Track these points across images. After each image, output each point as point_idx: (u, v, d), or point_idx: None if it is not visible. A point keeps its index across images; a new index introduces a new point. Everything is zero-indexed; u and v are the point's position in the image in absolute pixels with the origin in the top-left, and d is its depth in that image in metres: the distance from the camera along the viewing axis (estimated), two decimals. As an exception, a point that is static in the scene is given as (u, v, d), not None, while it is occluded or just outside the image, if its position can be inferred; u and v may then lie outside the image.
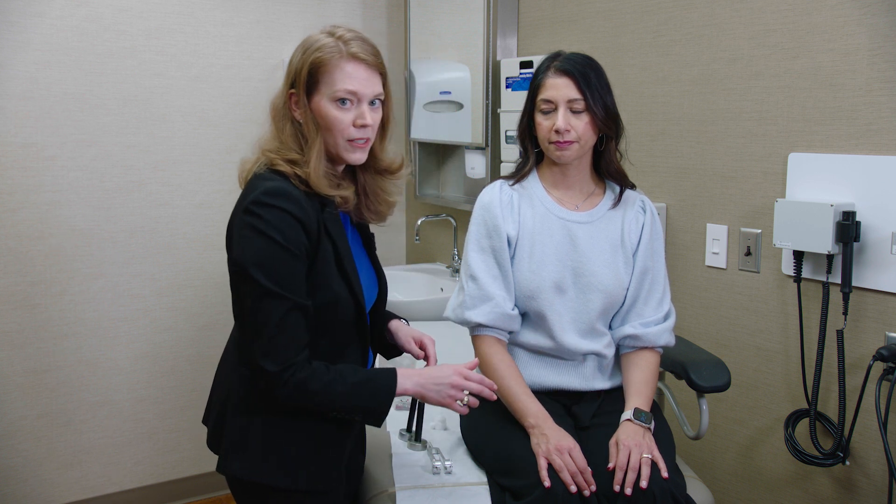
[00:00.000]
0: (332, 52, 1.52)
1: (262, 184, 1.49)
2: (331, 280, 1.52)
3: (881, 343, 1.90)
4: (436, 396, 1.55)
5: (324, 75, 1.52)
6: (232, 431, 1.55)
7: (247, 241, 1.46)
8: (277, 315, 1.44)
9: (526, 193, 1.83)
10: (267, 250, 1.44)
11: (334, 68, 1.52)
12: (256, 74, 3.01)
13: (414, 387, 1.53)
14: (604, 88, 1.75)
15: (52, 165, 2.68)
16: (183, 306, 2.96)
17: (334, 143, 1.54)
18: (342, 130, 1.53)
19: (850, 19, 1.90)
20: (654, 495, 1.55)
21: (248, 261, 1.45)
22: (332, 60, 1.51)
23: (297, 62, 1.54)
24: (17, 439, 2.70)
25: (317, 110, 1.53)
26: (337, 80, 1.51)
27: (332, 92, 1.52)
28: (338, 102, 1.52)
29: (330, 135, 1.54)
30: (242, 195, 1.53)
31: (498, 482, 1.66)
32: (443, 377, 1.55)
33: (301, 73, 1.53)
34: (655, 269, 1.84)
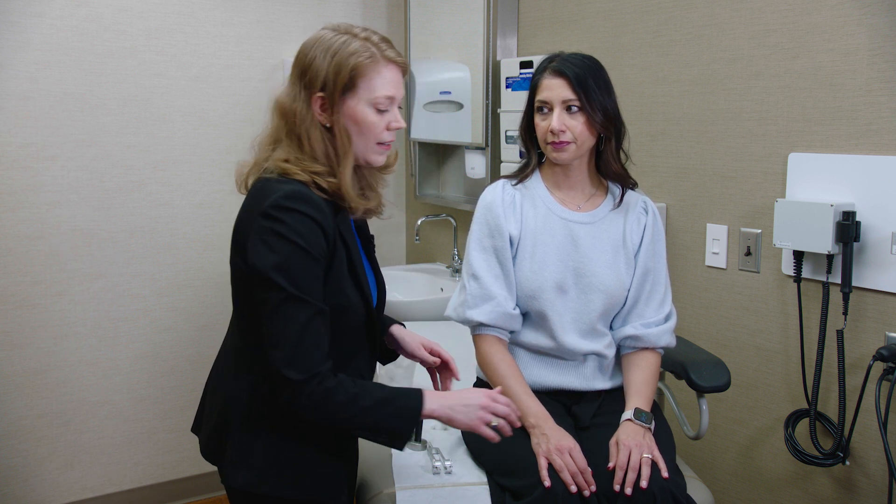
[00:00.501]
0: (371, 56, 1.48)
1: (279, 187, 1.44)
2: (344, 285, 1.50)
3: (881, 343, 1.90)
4: (464, 419, 1.49)
5: (363, 80, 1.48)
6: (237, 442, 1.51)
7: (268, 246, 1.41)
8: (301, 321, 1.40)
9: (528, 193, 1.83)
10: (289, 255, 1.41)
11: (375, 73, 1.49)
12: (256, 74, 3.01)
13: (441, 409, 1.48)
14: (602, 89, 1.75)
15: (52, 165, 2.68)
16: (183, 306, 2.96)
17: (364, 147, 1.52)
18: (377, 134, 1.52)
19: (850, 19, 1.90)
20: (654, 495, 1.55)
21: (269, 265, 1.40)
22: (372, 65, 1.48)
23: (328, 65, 1.47)
24: (17, 439, 2.70)
25: (351, 114, 1.49)
26: (377, 86, 1.49)
27: (371, 97, 1.49)
28: (375, 107, 1.50)
29: (362, 139, 1.51)
30: (255, 199, 1.48)
31: (498, 482, 1.66)
32: (472, 399, 1.51)
33: (338, 78, 1.47)
34: (657, 270, 1.84)
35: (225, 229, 2.98)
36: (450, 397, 1.51)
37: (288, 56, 3.03)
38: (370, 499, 1.71)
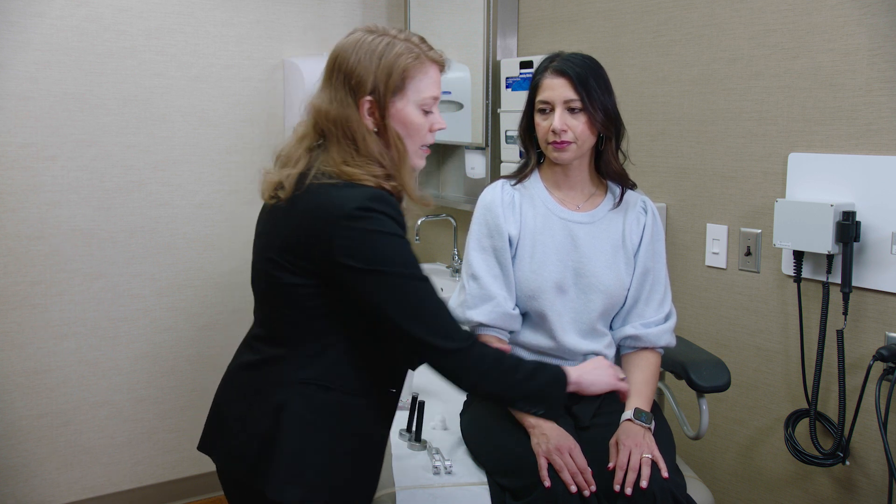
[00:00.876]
0: (417, 57, 1.47)
1: (355, 191, 1.41)
2: None
3: (881, 343, 1.90)
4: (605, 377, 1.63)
5: (411, 81, 1.47)
6: (288, 456, 1.44)
7: (370, 244, 1.39)
8: (432, 296, 1.43)
9: (527, 193, 1.83)
10: (393, 243, 1.41)
11: (422, 74, 1.48)
12: (256, 74, 3.01)
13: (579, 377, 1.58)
14: (602, 88, 1.75)
15: (52, 165, 2.68)
16: (183, 306, 2.96)
17: (411, 150, 1.51)
18: (423, 136, 1.52)
19: (850, 19, 1.90)
20: (655, 495, 1.55)
21: (380, 260, 1.39)
22: (419, 65, 1.47)
23: (376, 68, 1.45)
24: (17, 439, 2.70)
25: (400, 117, 1.48)
26: (424, 88, 1.49)
27: (419, 98, 1.48)
28: (422, 108, 1.50)
29: (409, 141, 1.50)
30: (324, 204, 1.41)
31: (498, 482, 1.66)
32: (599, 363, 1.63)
33: (389, 80, 1.45)
34: (656, 270, 1.84)
35: (225, 229, 3.00)
36: (581, 368, 1.62)
37: (288, 56, 3.04)
38: (370, 499, 1.71)
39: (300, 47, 3.08)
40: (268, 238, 1.51)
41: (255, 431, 1.48)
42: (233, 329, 3.04)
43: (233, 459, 1.52)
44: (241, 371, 1.57)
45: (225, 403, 1.58)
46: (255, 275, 1.56)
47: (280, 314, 1.50)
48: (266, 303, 1.54)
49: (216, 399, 1.61)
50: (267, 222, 1.53)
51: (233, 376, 1.59)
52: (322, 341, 1.47)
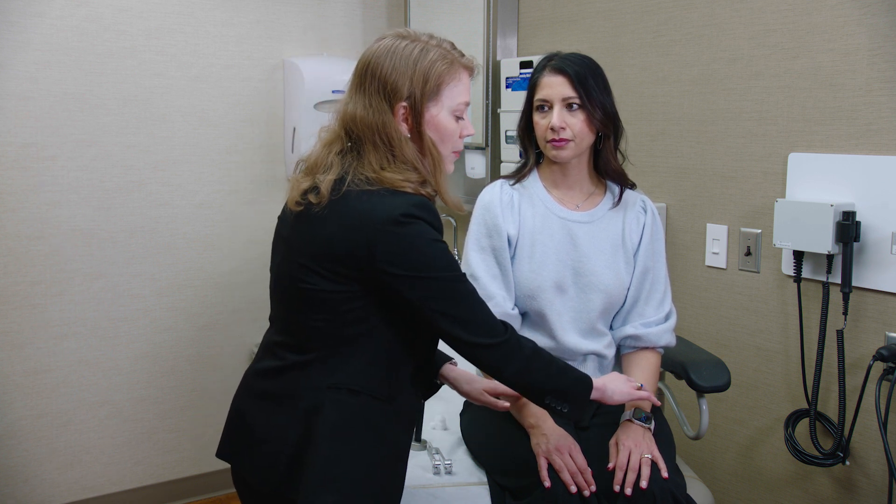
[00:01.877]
0: (450, 63, 1.48)
1: (399, 199, 1.41)
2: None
3: (881, 343, 1.90)
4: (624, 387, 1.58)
5: (445, 87, 1.48)
6: (318, 463, 1.42)
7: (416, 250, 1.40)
8: (476, 297, 1.45)
9: (526, 193, 1.83)
10: (435, 248, 1.42)
11: (457, 80, 1.49)
12: (256, 74, 3.01)
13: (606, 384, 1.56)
14: (601, 87, 1.75)
15: (52, 165, 2.68)
16: (183, 306, 2.96)
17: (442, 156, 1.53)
18: (455, 143, 1.52)
19: (850, 19, 1.90)
20: (654, 495, 1.55)
21: (425, 265, 1.40)
22: (452, 72, 1.48)
23: (412, 74, 1.45)
24: (17, 439, 2.70)
25: (434, 123, 1.48)
26: (457, 94, 1.49)
27: (454, 105, 1.49)
28: (455, 115, 1.50)
29: (442, 147, 1.51)
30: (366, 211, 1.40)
31: (498, 482, 1.66)
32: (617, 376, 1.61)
33: (426, 87, 1.45)
34: (656, 270, 1.84)
35: (225, 229, 3.00)
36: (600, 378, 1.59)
37: (288, 56, 3.04)
38: (370, 499, 1.71)
39: (300, 47, 3.08)
40: (299, 244, 1.48)
41: (286, 438, 1.46)
42: (233, 329, 3.04)
43: (261, 468, 1.49)
44: (264, 377, 1.54)
45: (248, 410, 1.55)
46: (277, 280, 1.54)
47: (308, 319, 1.47)
48: (292, 308, 1.51)
49: (236, 405, 1.58)
50: (296, 228, 1.49)
51: (254, 382, 1.56)
52: (352, 347, 1.46)
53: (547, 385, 1.49)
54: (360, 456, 1.44)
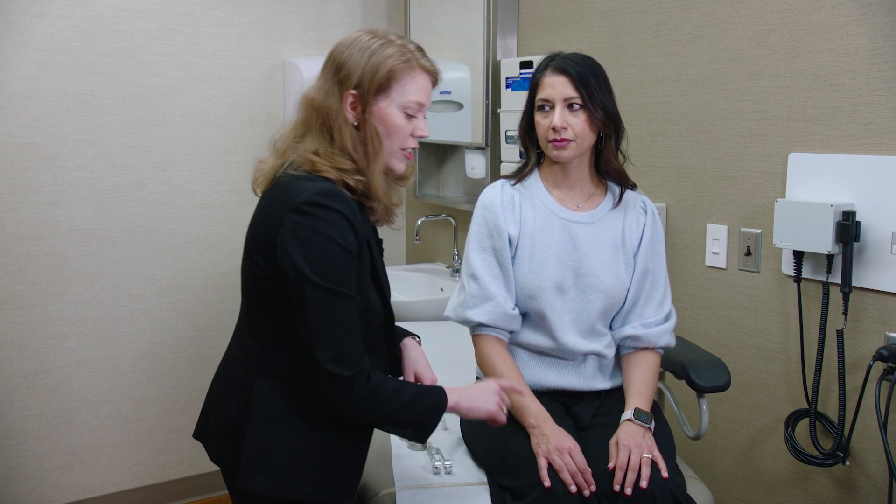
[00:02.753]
0: (407, 61, 1.50)
1: (310, 185, 1.44)
2: (367, 287, 1.51)
3: (881, 343, 1.90)
4: (485, 405, 1.55)
5: (397, 83, 1.50)
6: (255, 445, 1.49)
7: (303, 242, 1.41)
8: (343, 317, 1.42)
9: (527, 193, 1.83)
10: (326, 249, 1.41)
11: (409, 79, 1.50)
12: (256, 74, 3.01)
13: (463, 400, 1.53)
14: (602, 87, 1.75)
15: (52, 165, 2.68)
16: (183, 306, 2.96)
17: (389, 151, 1.53)
18: (402, 139, 1.53)
19: (850, 19, 1.90)
20: (654, 495, 1.55)
21: (307, 261, 1.40)
22: (407, 69, 1.50)
23: (365, 64, 1.48)
24: (17, 439, 2.70)
25: (381, 115, 1.50)
26: (409, 91, 1.51)
27: (403, 101, 1.50)
28: (405, 111, 1.51)
29: (388, 141, 1.52)
30: (283, 196, 1.45)
31: (498, 482, 1.66)
32: (487, 388, 1.57)
33: (375, 77, 1.48)
34: (656, 270, 1.84)
35: (225, 229, 3.00)
36: (466, 390, 1.56)
37: (288, 56, 3.04)
38: (370, 499, 1.71)
39: (300, 47, 3.08)
40: (248, 230, 1.55)
41: (230, 422, 1.54)
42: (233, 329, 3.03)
43: (214, 450, 1.60)
44: (226, 363, 1.63)
45: (211, 394, 1.64)
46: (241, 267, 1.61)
47: (254, 307, 1.55)
48: (243, 294, 1.58)
49: (209, 389, 1.68)
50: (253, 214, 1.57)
51: (220, 367, 1.65)
52: (290, 336, 1.48)
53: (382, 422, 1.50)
54: (295, 442, 1.49)
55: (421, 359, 1.71)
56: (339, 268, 1.42)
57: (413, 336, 1.76)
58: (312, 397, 1.48)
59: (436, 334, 2.54)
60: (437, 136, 3.16)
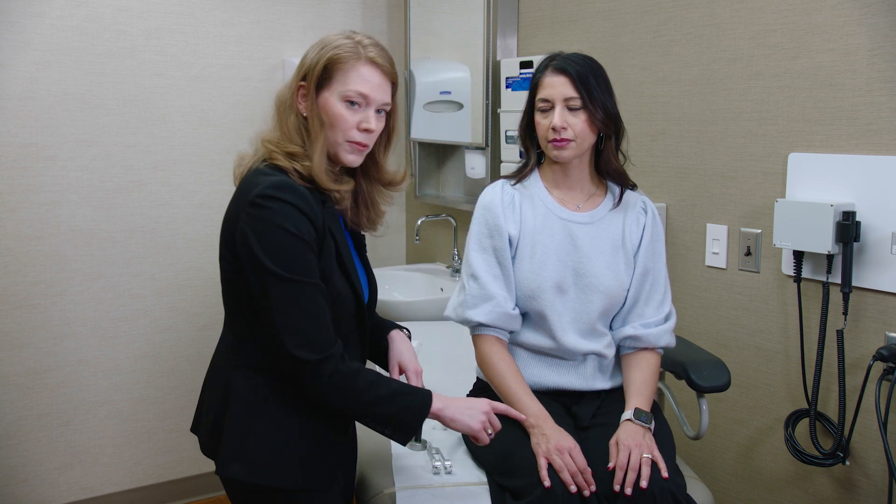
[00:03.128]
0: (351, 52, 1.53)
1: (264, 178, 1.48)
2: (333, 275, 1.52)
3: (881, 343, 1.90)
4: (469, 421, 1.55)
5: (338, 73, 1.52)
6: (232, 434, 1.54)
7: (258, 234, 1.44)
8: (304, 303, 1.43)
9: (527, 193, 1.83)
10: (281, 239, 1.43)
11: (350, 68, 1.52)
12: (256, 74, 3.01)
13: (448, 409, 1.54)
14: (602, 87, 1.75)
15: (52, 165, 2.68)
16: (183, 306, 2.96)
17: (334, 142, 1.54)
18: (345, 131, 1.53)
19: (850, 19, 1.90)
20: (654, 495, 1.55)
21: (263, 252, 1.43)
22: (350, 60, 1.52)
23: (313, 57, 1.54)
24: (17, 439, 2.70)
25: (324, 106, 1.53)
26: (350, 80, 1.52)
27: (343, 90, 1.52)
28: (347, 102, 1.53)
29: (332, 132, 1.53)
30: (242, 192, 1.51)
31: (498, 482, 1.66)
32: (477, 404, 1.58)
33: (315, 68, 1.53)
34: (656, 271, 1.84)
35: (225, 229, 3.00)
36: (456, 400, 1.57)
37: (288, 56, 3.04)
38: (370, 499, 1.71)
39: (300, 47, 3.08)
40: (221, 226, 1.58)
41: (216, 415, 1.58)
42: (233, 329, 3.04)
43: (205, 442, 1.64)
44: (214, 357, 1.68)
45: (203, 389, 1.71)
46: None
47: (229, 301, 1.58)
48: (222, 291, 1.61)
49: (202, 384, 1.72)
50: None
51: (210, 362, 1.69)
52: (262, 329, 1.50)
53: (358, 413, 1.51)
54: (269, 431, 1.52)
55: (406, 350, 1.72)
56: (293, 256, 1.44)
57: (401, 329, 1.77)
58: (287, 387, 1.51)
59: (436, 334, 2.54)
60: (437, 136, 3.16)
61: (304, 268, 1.45)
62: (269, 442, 1.53)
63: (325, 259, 1.51)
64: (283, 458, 1.53)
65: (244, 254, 1.46)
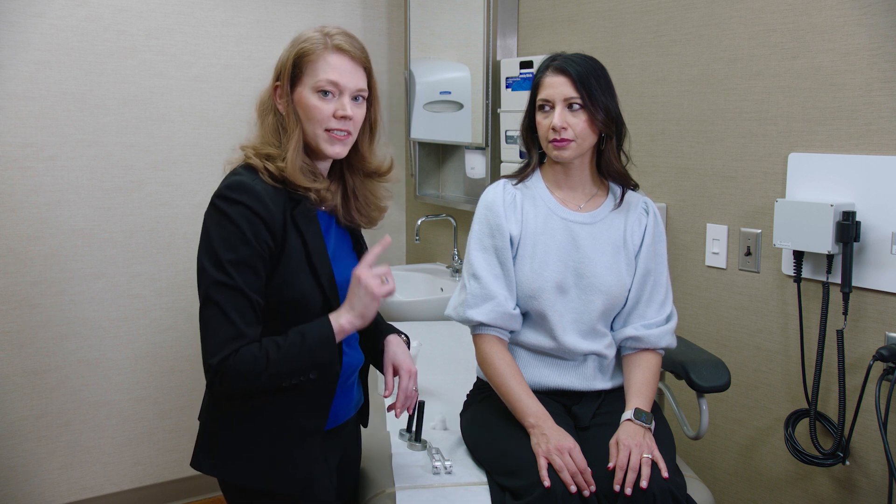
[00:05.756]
0: (317, 43, 1.53)
1: (226, 179, 1.50)
2: (299, 277, 1.50)
3: (881, 343, 1.90)
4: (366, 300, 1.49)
5: (307, 66, 1.53)
6: (205, 429, 1.59)
7: (206, 232, 1.46)
8: (223, 304, 1.42)
9: (529, 193, 1.83)
10: (222, 239, 1.43)
11: (318, 59, 1.53)
12: (256, 74, 3.01)
13: (347, 316, 1.50)
14: (603, 88, 1.75)
15: (52, 165, 2.68)
16: (183, 306, 2.96)
17: (314, 134, 1.54)
18: (322, 121, 1.53)
19: (850, 19, 1.90)
20: (654, 495, 1.55)
21: (203, 250, 1.46)
22: (317, 51, 1.53)
23: (284, 55, 1.56)
24: (17, 439, 2.70)
25: (298, 101, 1.53)
26: (319, 71, 1.52)
27: (314, 82, 1.52)
28: (319, 93, 1.52)
29: (310, 125, 1.53)
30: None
31: (498, 482, 1.66)
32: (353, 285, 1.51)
33: (286, 65, 1.54)
34: (658, 271, 1.84)
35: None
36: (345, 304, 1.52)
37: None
38: (370, 499, 1.71)
39: (300, 47, 3.08)
40: None
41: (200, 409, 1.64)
42: (233, 329, 3.04)
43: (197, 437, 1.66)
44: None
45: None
46: None
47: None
48: None
49: None
50: None
51: None
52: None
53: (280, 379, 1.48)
54: (239, 430, 1.53)
55: (400, 351, 1.71)
56: (233, 261, 1.43)
57: (400, 334, 1.76)
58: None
59: (436, 334, 2.55)
60: (437, 136, 3.16)
61: (238, 273, 1.43)
62: (239, 440, 1.53)
63: (288, 261, 1.49)
64: (252, 458, 1.53)
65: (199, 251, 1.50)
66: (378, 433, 1.93)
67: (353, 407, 1.70)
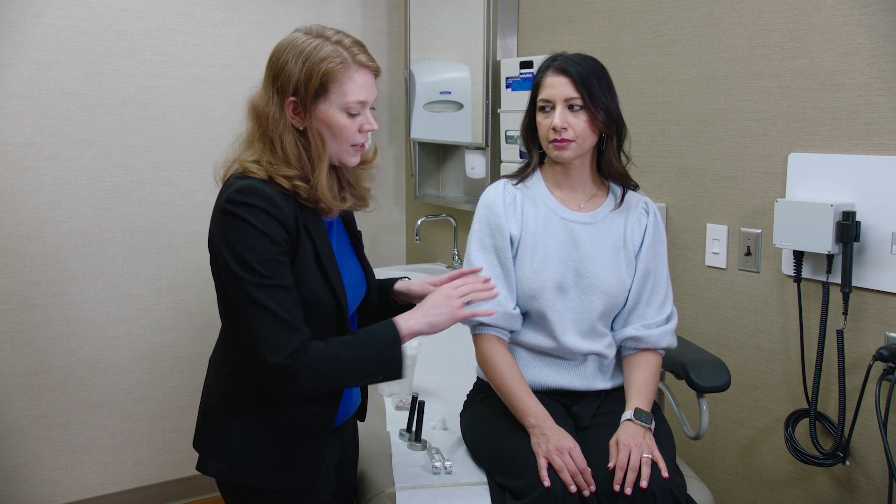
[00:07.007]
0: (342, 62, 1.49)
1: (235, 183, 1.48)
2: (310, 278, 1.51)
3: (881, 343, 1.90)
4: (444, 316, 1.53)
5: (334, 85, 1.49)
6: (210, 431, 1.57)
7: (227, 238, 1.44)
8: (269, 304, 1.42)
9: (529, 193, 1.83)
10: (247, 241, 1.43)
11: (346, 79, 1.49)
12: (256, 74, 2.95)
13: (417, 321, 1.52)
14: (604, 88, 1.75)
15: (52, 165, 2.68)
16: (183, 306, 2.96)
17: (338, 150, 1.53)
18: (350, 137, 1.52)
19: (850, 19, 1.90)
20: (654, 495, 1.55)
21: (232, 257, 1.43)
22: (343, 71, 1.49)
23: (300, 71, 1.48)
24: (17, 439, 2.70)
25: (323, 119, 1.50)
26: (349, 91, 1.49)
27: (343, 102, 1.50)
28: (347, 111, 1.51)
29: (335, 142, 1.52)
30: (218, 197, 1.51)
31: (498, 482, 1.66)
32: (435, 298, 1.55)
33: (310, 83, 1.48)
34: (658, 272, 1.84)
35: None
36: (417, 310, 1.55)
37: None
38: (370, 499, 1.71)
39: (300, 47, 3.08)
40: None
41: (202, 409, 1.63)
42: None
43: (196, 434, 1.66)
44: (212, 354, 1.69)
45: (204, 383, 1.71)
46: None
47: (219, 301, 1.58)
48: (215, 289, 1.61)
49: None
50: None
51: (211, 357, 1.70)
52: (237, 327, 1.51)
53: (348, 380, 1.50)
54: (245, 430, 1.53)
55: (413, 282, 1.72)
56: (260, 258, 1.43)
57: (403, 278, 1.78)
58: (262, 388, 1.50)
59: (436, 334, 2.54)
60: (437, 136, 3.16)
61: (273, 268, 1.44)
62: (246, 441, 1.53)
63: (301, 262, 1.50)
64: (259, 459, 1.53)
65: (218, 259, 1.47)
66: (378, 433, 1.93)
67: (353, 405, 1.71)
